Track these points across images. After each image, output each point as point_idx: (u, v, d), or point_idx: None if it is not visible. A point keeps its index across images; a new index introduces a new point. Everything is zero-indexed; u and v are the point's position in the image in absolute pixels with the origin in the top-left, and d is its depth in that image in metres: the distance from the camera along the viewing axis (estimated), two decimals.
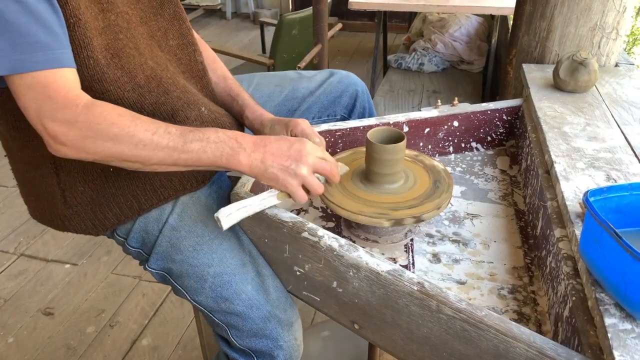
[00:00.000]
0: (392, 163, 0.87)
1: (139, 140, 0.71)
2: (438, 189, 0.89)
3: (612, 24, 1.19)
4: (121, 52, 0.79)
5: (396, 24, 4.74)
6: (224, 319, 0.87)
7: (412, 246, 0.90)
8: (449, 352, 0.65)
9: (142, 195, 0.86)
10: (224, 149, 0.74)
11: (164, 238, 0.87)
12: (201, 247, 0.86)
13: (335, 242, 0.73)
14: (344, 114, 1.18)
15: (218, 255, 0.85)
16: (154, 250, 0.88)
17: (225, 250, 0.86)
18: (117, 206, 0.86)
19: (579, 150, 0.88)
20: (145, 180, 0.85)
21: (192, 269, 0.86)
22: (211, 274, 0.85)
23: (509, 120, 1.15)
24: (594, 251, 0.59)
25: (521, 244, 0.90)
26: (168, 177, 0.86)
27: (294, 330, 0.90)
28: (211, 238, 0.86)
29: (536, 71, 1.22)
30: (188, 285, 0.87)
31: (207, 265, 0.85)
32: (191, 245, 0.86)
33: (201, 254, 0.85)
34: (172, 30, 0.91)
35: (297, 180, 0.75)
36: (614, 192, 0.63)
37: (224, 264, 0.85)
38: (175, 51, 0.91)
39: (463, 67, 3.11)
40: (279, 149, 0.75)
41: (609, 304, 0.58)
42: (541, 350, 0.56)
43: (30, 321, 1.79)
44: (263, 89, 1.14)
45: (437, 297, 0.63)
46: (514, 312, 0.76)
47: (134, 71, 0.80)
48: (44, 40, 0.67)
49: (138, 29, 0.84)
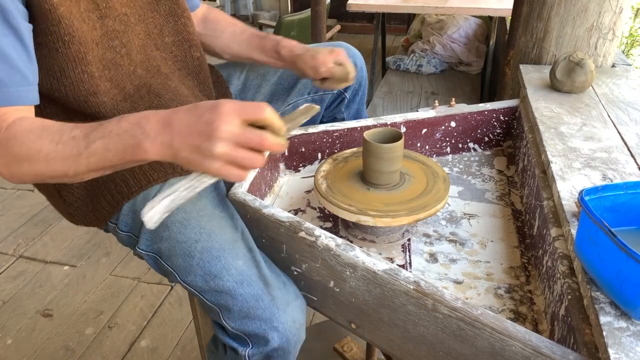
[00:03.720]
0: (389, 163, 0.87)
1: (46, 154, 0.66)
2: (435, 189, 0.89)
3: (609, 24, 1.19)
4: (111, 64, 0.80)
5: (395, 25, 4.74)
6: (215, 299, 0.82)
7: (409, 246, 0.90)
8: (445, 350, 0.65)
9: (131, 179, 0.83)
10: (127, 140, 0.64)
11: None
12: (189, 222, 0.81)
13: (332, 241, 0.73)
14: (340, 90, 1.14)
15: (206, 231, 0.80)
16: (143, 229, 0.84)
17: (214, 226, 0.81)
18: (109, 193, 0.85)
19: (576, 150, 0.88)
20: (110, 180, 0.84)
21: (180, 245, 0.81)
22: (198, 249, 0.80)
23: (506, 120, 1.15)
24: (590, 250, 0.60)
25: (518, 244, 0.90)
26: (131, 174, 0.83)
27: (291, 311, 0.82)
28: (200, 215, 0.82)
29: (533, 72, 1.22)
30: (177, 265, 0.82)
31: (194, 240, 0.80)
32: (178, 221, 0.81)
33: (188, 229, 0.80)
34: (167, 27, 0.92)
35: (218, 162, 0.61)
36: (609, 191, 0.63)
37: (212, 239, 0.80)
38: (171, 48, 0.92)
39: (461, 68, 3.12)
40: (187, 126, 0.62)
41: (604, 302, 0.58)
42: (537, 348, 0.56)
43: (29, 322, 1.79)
44: (257, 69, 1.14)
45: (433, 296, 0.63)
46: (510, 312, 0.76)
47: (122, 82, 0.82)
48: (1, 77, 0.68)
49: (135, 29, 0.86)
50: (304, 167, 1.10)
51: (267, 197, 1.02)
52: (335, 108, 1.18)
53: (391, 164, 0.88)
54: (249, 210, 0.83)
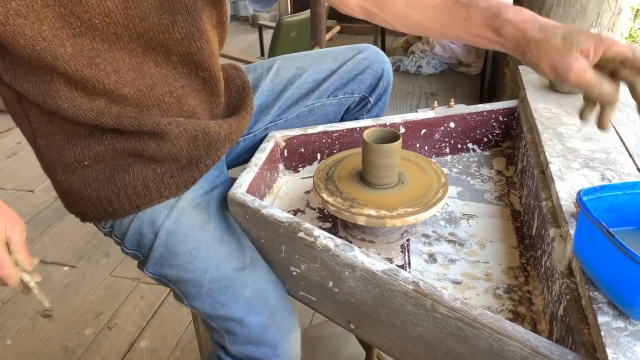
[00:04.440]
0: (387, 163, 0.87)
1: None
2: (433, 190, 0.89)
3: (608, 25, 1.20)
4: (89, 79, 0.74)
5: None
6: (222, 324, 0.86)
7: (408, 246, 0.90)
8: (444, 351, 0.65)
9: (116, 201, 0.84)
10: None
11: (160, 242, 0.85)
12: (198, 252, 0.83)
13: (331, 242, 0.73)
14: (365, 93, 1.09)
15: (215, 260, 0.83)
16: (151, 254, 0.86)
17: (223, 254, 0.84)
18: (94, 206, 0.85)
19: (574, 151, 0.89)
20: (120, 186, 0.83)
21: (189, 274, 0.84)
22: (207, 279, 0.83)
23: (505, 121, 1.15)
24: (588, 250, 0.60)
25: (517, 244, 0.90)
26: (144, 184, 0.83)
27: (293, 339, 0.87)
28: (209, 243, 0.84)
29: (532, 73, 1.22)
30: (185, 291, 0.86)
31: (204, 271, 0.83)
32: (188, 251, 0.83)
33: (197, 259, 0.83)
34: (177, 48, 0.79)
35: None
36: (607, 192, 0.64)
37: (220, 269, 0.83)
38: (176, 65, 0.82)
39: (461, 69, 3.12)
40: None
41: (602, 302, 0.58)
42: (535, 348, 0.56)
43: (28, 323, 1.79)
44: (283, 74, 1.06)
45: (431, 296, 0.63)
46: (509, 312, 0.76)
47: (95, 97, 0.77)
48: None
49: (131, 45, 0.76)
50: (303, 167, 1.10)
51: (267, 198, 1.02)
52: (357, 112, 1.13)
53: (389, 164, 0.88)
54: (248, 211, 0.83)
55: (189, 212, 0.85)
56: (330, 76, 1.06)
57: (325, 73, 1.06)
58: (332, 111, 1.10)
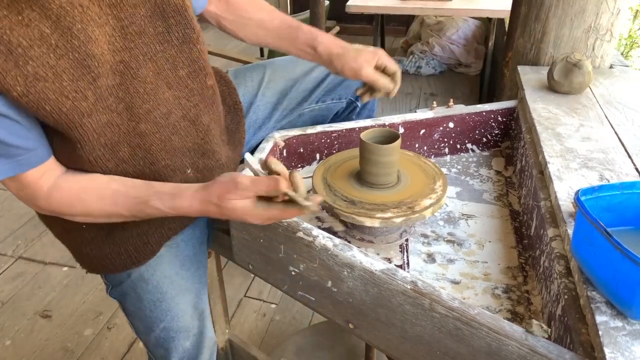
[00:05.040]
0: (385, 163, 0.87)
1: (101, 221, 0.80)
2: (431, 191, 0.89)
3: (606, 25, 1.20)
4: (106, 127, 0.73)
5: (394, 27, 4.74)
6: (157, 358, 0.97)
7: (407, 246, 0.90)
8: (443, 350, 0.65)
9: (116, 257, 0.87)
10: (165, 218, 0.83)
11: (130, 283, 0.90)
12: (160, 304, 0.90)
13: (329, 241, 0.73)
14: (352, 98, 1.11)
15: (172, 314, 0.91)
16: (117, 288, 0.92)
17: (181, 308, 0.92)
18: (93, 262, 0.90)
19: (573, 151, 0.89)
20: (121, 243, 0.86)
21: (146, 318, 0.91)
22: (160, 327, 0.91)
23: (504, 121, 1.15)
24: (586, 250, 0.60)
25: (515, 244, 0.90)
26: (143, 239, 0.86)
27: None
28: (172, 296, 0.91)
29: (531, 73, 1.22)
30: (136, 326, 0.94)
31: (159, 320, 0.91)
32: (152, 300, 0.90)
33: (158, 310, 0.90)
34: (181, 58, 0.79)
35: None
36: (605, 191, 0.64)
37: (174, 322, 0.91)
38: (187, 82, 0.81)
39: (460, 69, 3.12)
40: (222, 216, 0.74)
41: (600, 302, 0.58)
42: (533, 348, 0.56)
43: (28, 324, 1.79)
44: (275, 87, 1.07)
45: (430, 296, 0.63)
46: (507, 312, 0.76)
47: (117, 146, 0.76)
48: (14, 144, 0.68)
49: (138, 74, 0.75)
50: (302, 167, 1.10)
51: None
52: (347, 116, 1.15)
53: (388, 164, 0.88)
54: None
55: (167, 260, 0.91)
56: (319, 84, 1.09)
57: (315, 82, 1.09)
58: (321, 115, 1.12)
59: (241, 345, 1.34)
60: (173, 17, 0.76)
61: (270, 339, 1.73)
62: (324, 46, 0.93)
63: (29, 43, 0.62)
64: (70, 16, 0.64)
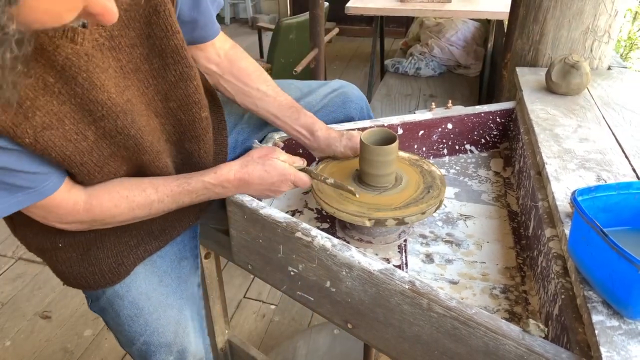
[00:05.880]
0: (383, 164, 0.88)
1: (139, 217, 0.82)
2: (428, 193, 0.89)
3: (604, 27, 1.20)
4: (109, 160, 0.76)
5: (393, 28, 4.76)
6: None
7: (406, 247, 0.91)
8: (440, 350, 0.66)
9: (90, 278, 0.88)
10: (211, 195, 0.85)
11: (106, 299, 0.91)
12: (138, 319, 0.91)
13: (328, 241, 0.73)
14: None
15: (151, 329, 0.92)
16: (95, 303, 0.93)
17: (159, 325, 0.92)
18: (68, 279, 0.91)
19: (570, 152, 0.89)
20: (95, 263, 0.87)
21: (125, 333, 0.92)
22: (141, 341, 0.92)
23: (503, 122, 1.16)
24: (582, 249, 0.60)
25: (514, 245, 0.90)
26: (118, 260, 0.88)
27: None
28: (150, 311, 0.91)
29: (529, 74, 1.23)
30: (119, 338, 0.96)
31: (139, 334, 0.92)
32: (129, 316, 0.91)
33: (136, 325, 0.91)
34: (175, 93, 0.79)
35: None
36: (602, 192, 0.64)
37: (154, 336, 0.92)
38: (176, 113, 0.82)
39: (460, 71, 3.13)
40: (260, 185, 0.85)
41: (596, 301, 0.59)
42: (530, 347, 0.57)
43: (28, 325, 1.80)
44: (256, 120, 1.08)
45: (427, 296, 0.63)
46: (505, 312, 0.77)
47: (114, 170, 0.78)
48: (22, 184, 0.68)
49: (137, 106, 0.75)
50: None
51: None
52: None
53: (386, 165, 0.88)
54: (246, 211, 0.83)
55: (142, 276, 0.91)
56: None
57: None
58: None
59: (240, 346, 1.35)
60: (171, 57, 0.76)
61: (270, 340, 1.73)
62: (323, 131, 0.97)
63: (34, 94, 0.63)
64: (76, 66, 0.65)
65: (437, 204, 0.87)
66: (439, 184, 0.92)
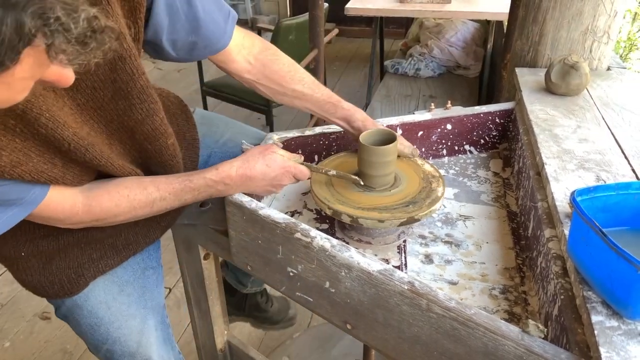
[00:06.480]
0: (382, 165, 0.88)
1: (141, 215, 0.82)
2: (427, 194, 0.89)
3: (604, 28, 1.20)
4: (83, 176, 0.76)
5: (393, 29, 4.76)
6: None
7: (405, 247, 0.91)
8: (440, 350, 0.65)
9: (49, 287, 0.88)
10: (213, 192, 0.84)
11: (66, 308, 0.91)
12: (99, 328, 0.91)
13: (327, 242, 0.73)
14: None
15: (112, 338, 0.92)
16: (58, 310, 0.94)
17: (121, 334, 0.93)
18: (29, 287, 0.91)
19: (570, 152, 0.89)
20: (56, 273, 0.87)
21: (89, 340, 0.94)
22: (104, 349, 0.94)
23: (502, 123, 1.16)
24: (582, 250, 0.60)
25: (513, 245, 0.90)
26: (78, 272, 0.88)
27: None
28: (111, 320, 0.91)
29: (529, 75, 1.23)
30: (86, 343, 0.96)
31: (102, 342, 0.93)
32: (90, 325, 0.91)
33: (97, 334, 0.92)
34: (142, 129, 0.78)
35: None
36: (601, 192, 0.64)
37: (117, 345, 0.93)
38: (142, 143, 0.81)
39: (459, 72, 3.13)
40: (263, 181, 0.86)
41: (596, 301, 0.59)
42: (529, 347, 0.56)
43: (27, 325, 1.79)
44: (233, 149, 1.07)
45: (427, 296, 0.63)
46: (505, 312, 0.76)
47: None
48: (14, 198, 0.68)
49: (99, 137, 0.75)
50: None
51: (264, 199, 1.03)
52: None
53: (385, 165, 0.88)
54: (245, 212, 0.83)
55: (101, 286, 0.91)
56: None
57: None
58: None
59: (240, 347, 1.34)
60: (137, 97, 0.74)
61: (269, 341, 1.73)
62: (360, 122, 0.97)
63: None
64: (37, 107, 0.63)
65: (435, 205, 0.87)
66: (438, 184, 0.92)
